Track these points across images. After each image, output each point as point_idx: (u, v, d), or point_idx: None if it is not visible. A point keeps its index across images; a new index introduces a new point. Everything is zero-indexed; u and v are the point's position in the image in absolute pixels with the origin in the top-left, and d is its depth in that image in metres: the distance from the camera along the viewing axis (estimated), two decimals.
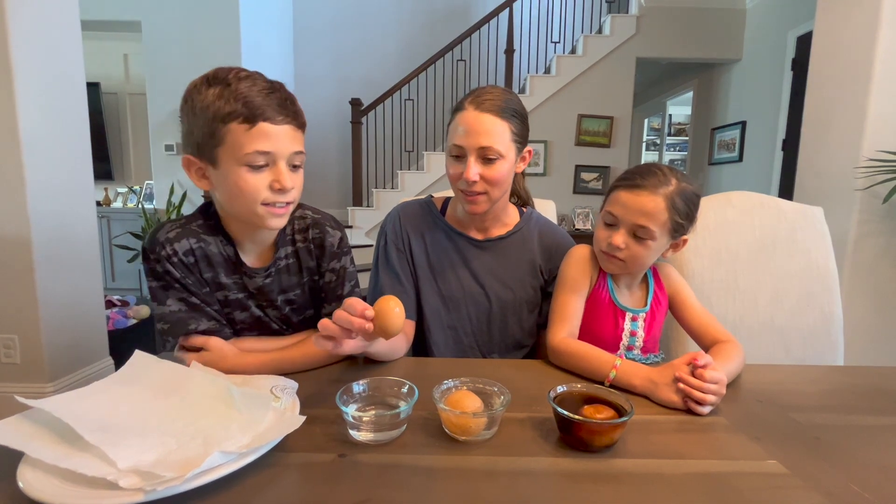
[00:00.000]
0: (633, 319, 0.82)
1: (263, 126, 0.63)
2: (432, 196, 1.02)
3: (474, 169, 0.82)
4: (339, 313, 0.59)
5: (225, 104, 0.62)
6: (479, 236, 0.96)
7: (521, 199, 1.03)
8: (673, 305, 0.85)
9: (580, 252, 0.85)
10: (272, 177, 0.66)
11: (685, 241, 0.80)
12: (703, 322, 0.82)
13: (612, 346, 0.82)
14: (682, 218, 0.75)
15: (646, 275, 0.85)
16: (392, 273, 0.93)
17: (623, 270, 0.80)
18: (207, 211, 0.76)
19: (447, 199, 1.00)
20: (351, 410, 0.53)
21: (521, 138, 0.87)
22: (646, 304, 0.83)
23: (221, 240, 0.74)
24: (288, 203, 0.69)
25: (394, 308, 0.60)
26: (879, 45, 1.85)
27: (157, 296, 0.71)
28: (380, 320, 0.59)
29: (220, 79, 0.64)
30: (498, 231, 0.96)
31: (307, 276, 0.81)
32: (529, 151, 0.91)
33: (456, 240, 0.95)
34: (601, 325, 0.83)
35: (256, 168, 0.65)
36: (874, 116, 1.88)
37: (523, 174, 1.01)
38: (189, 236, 0.71)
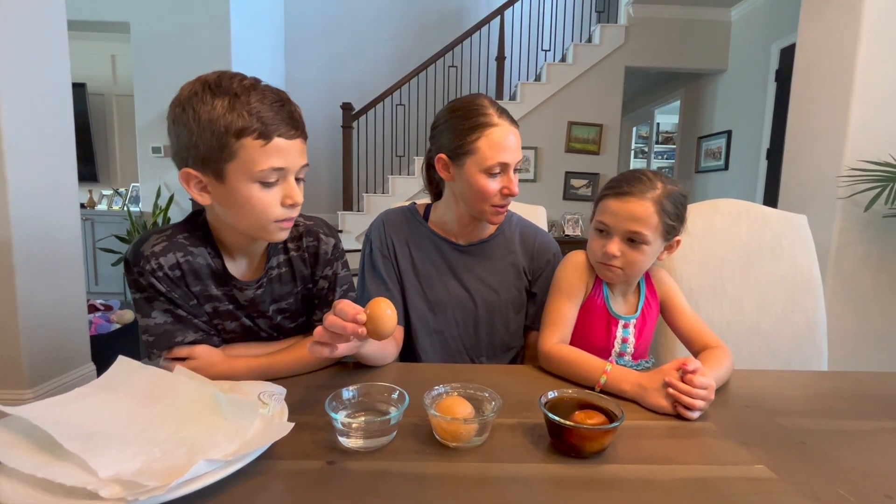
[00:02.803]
0: (625, 326, 0.82)
1: (278, 142, 0.61)
2: (415, 203, 1.02)
3: (516, 183, 0.87)
4: (331, 319, 0.58)
5: (238, 118, 0.59)
6: (462, 241, 0.96)
7: None
8: (664, 310, 0.86)
9: (577, 259, 0.85)
10: (283, 192, 0.65)
11: (678, 241, 0.81)
12: (693, 327, 0.82)
13: (603, 353, 0.82)
14: (673, 219, 0.76)
15: (638, 280, 0.86)
16: (379, 279, 0.93)
17: (621, 279, 0.80)
18: (195, 221, 0.73)
19: (429, 206, 1.01)
20: (340, 417, 0.53)
21: None
22: (636, 311, 0.83)
23: (209, 252, 0.71)
24: (295, 216, 0.69)
25: (385, 310, 0.59)
26: (860, 58, 1.90)
27: (141, 308, 0.68)
28: (372, 323, 0.59)
29: (225, 88, 0.60)
30: (480, 235, 0.97)
31: (301, 284, 0.79)
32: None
33: (440, 245, 0.96)
34: (594, 332, 0.83)
35: (268, 184, 0.63)
36: (855, 126, 1.93)
37: None
38: (176, 250, 0.68)
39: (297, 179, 0.67)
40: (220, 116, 0.59)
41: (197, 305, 0.71)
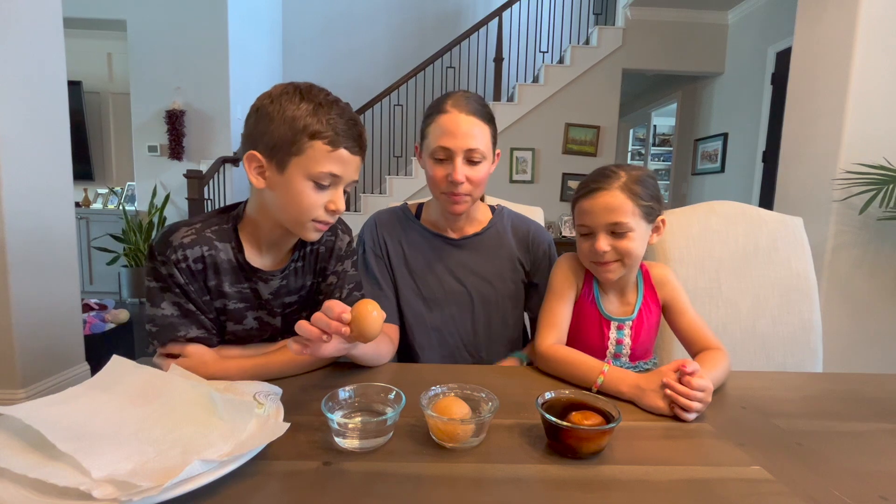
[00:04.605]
0: (619, 328, 0.82)
1: (342, 152, 0.68)
2: (406, 203, 1.03)
3: (462, 170, 0.84)
4: (317, 315, 0.59)
5: (316, 122, 0.66)
6: (454, 235, 0.97)
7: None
8: (666, 311, 0.86)
9: (567, 261, 0.86)
10: (329, 198, 0.70)
11: (663, 221, 0.81)
12: (694, 328, 0.82)
13: (598, 354, 0.82)
14: (647, 200, 0.77)
15: (636, 281, 0.86)
16: (371, 279, 0.94)
17: (619, 273, 0.79)
18: (227, 214, 0.76)
19: (420, 205, 1.02)
20: (336, 417, 0.52)
21: (495, 140, 0.91)
22: (633, 312, 0.83)
23: (234, 246, 0.73)
24: (332, 223, 0.74)
25: (371, 312, 0.59)
26: (856, 61, 1.92)
27: (153, 297, 0.69)
28: (357, 324, 0.58)
29: (313, 96, 0.67)
30: (472, 229, 0.98)
31: (312, 277, 0.82)
32: (498, 154, 0.94)
33: (433, 241, 0.96)
34: (586, 333, 0.83)
35: (321, 187, 0.68)
36: (851, 130, 1.95)
37: None
38: (203, 243, 0.71)
39: (345, 192, 0.73)
40: (302, 116, 0.65)
41: (208, 301, 0.73)
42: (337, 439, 0.53)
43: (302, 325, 0.58)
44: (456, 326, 0.95)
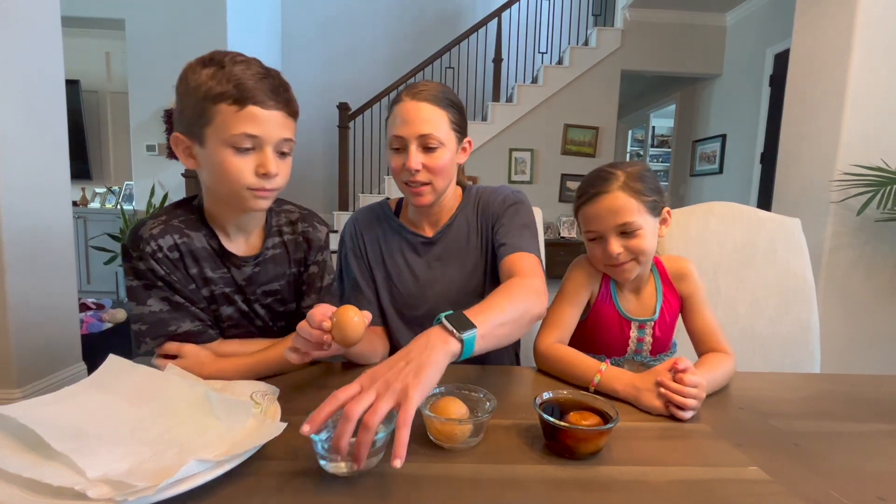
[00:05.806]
0: (641, 327, 0.82)
1: (252, 109, 0.63)
2: (388, 199, 1.01)
3: (416, 157, 0.81)
4: (301, 325, 0.60)
5: (217, 84, 0.62)
6: (430, 232, 0.94)
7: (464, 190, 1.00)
8: (683, 308, 0.85)
9: (581, 265, 0.86)
10: (257, 161, 0.66)
11: (669, 212, 0.81)
12: (705, 329, 0.82)
13: (618, 353, 0.83)
14: (650, 194, 0.76)
15: (654, 279, 0.85)
16: (352, 280, 0.94)
17: (636, 271, 0.79)
18: (189, 205, 0.75)
19: (401, 199, 1.00)
20: (321, 439, 0.46)
21: (460, 128, 0.87)
22: (654, 312, 0.83)
23: (205, 233, 0.73)
24: (273, 188, 0.69)
25: (352, 317, 0.59)
26: (853, 64, 1.92)
27: (137, 295, 0.68)
28: (338, 330, 0.59)
29: (215, 60, 0.64)
30: (443, 219, 0.95)
31: (294, 267, 0.81)
32: (469, 142, 0.90)
33: (409, 238, 0.95)
34: (606, 334, 0.83)
35: (242, 151, 0.65)
36: (849, 132, 1.95)
37: (462, 168, 0.99)
38: (172, 232, 0.70)
39: (282, 154, 0.69)
40: (203, 83, 0.63)
41: (195, 290, 0.72)
42: (322, 462, 0.47)
43: (294, 337, 0.61)
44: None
